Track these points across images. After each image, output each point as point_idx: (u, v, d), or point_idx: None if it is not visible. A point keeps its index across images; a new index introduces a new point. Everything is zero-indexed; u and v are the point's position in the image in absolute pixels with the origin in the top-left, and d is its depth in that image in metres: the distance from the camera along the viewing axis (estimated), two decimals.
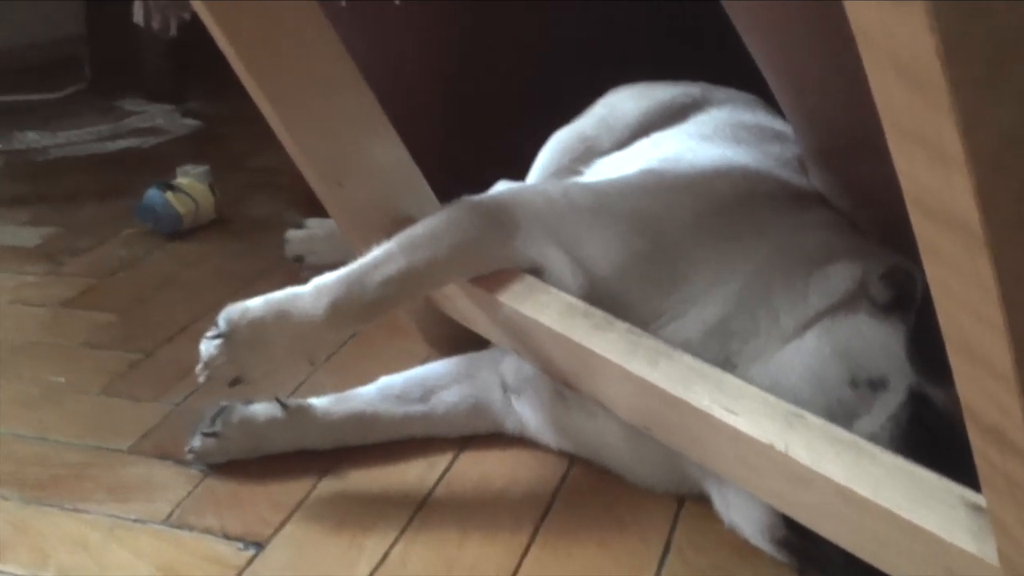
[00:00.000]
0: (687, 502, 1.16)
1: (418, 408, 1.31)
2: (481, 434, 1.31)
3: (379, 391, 1.32)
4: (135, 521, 1.19)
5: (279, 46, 1.24)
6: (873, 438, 0.89)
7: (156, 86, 3.04)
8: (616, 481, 1.20)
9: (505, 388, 1.29)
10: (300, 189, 2.03)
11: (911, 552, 0.81)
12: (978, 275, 0.51)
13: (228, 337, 1.15)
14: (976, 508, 0.77)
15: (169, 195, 2.03)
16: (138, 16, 1.36)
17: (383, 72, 1.32)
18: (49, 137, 2.78)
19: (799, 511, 0.91)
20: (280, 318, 1.16)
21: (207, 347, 1.16)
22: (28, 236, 2.13)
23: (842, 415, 0.94)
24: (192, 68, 2.98)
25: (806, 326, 1.04)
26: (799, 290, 1.06)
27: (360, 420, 1.30)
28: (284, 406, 1.28)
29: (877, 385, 0.98)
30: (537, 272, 1.17)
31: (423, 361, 1.44)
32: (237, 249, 1.99)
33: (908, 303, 0.99)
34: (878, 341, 1.00)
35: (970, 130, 0.46)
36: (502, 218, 1.19)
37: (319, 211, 1.87)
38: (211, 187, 2.09)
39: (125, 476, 1.28)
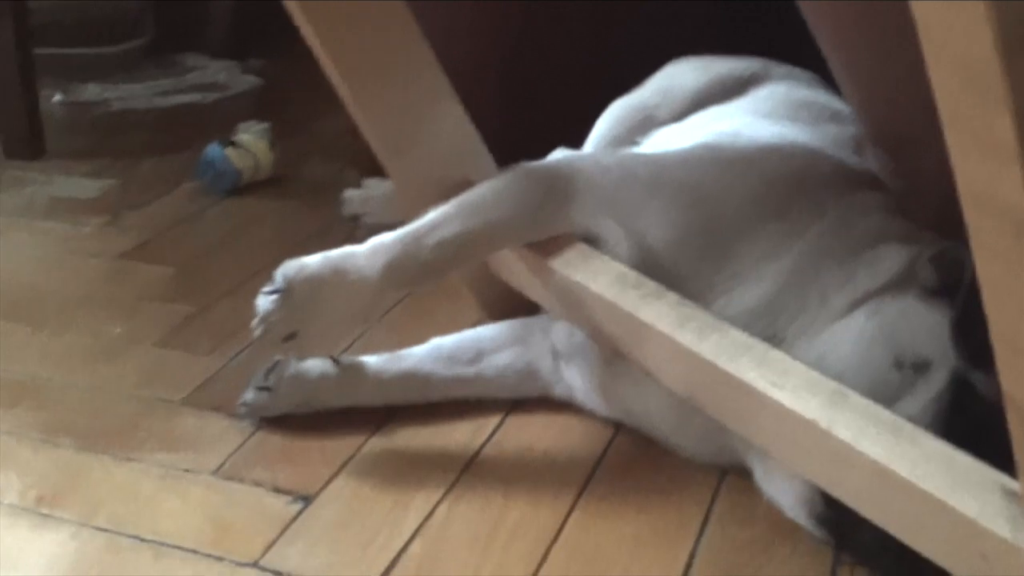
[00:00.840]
0: (729, 475, 1.17)
1: (468, 370, 1.33)
2: (529, 398, 1.33)
3: (430, 352, 1.34)
4: (186, 471, 1.22)
5: (347, 10, 1.25)
6: (914, 420, 0.90)
7: (219, 42, 3.05)
8: (660, 450, 1.21)
9: (555, 354, 1.30)
10: (361, 150, 2.06)
11: (946, 535, 0.82)
12: None
13: (285, 293, 1.17)
14: (1012, 495, 0.78)
15: (229, 151, 2.05)
16: None
17: (440, 41, 1.33)
18: (111, 90, 2.80)
19: (838, 489, 0.92)
20: (336, 276, 1.18)
21: (263, 302, 1.18)
22: (87, 188, 2.16)
23: (885, 396, 0.95)
24: (255, 26, 3.00)
25: (854, 305, 1.04)
26: (849, 270, 1.07)
27: (411, 380, 1.32)
28: (336, 363, 1.30)
29: (920, 367, 0.98)
30: (591, 240, 1.18)
31: (475, 324, 1.45)
32: (294, 207, 2.00)
33: (955, 288, 1.00)
34: (924, 324, 1.00)
35: None
36: (558, 185, 1.20)
37: (378, 172, 1.89)
38: (271, 145, 2.10)
39: (178, 427, 1.31)
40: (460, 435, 1.27)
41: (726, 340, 1.00)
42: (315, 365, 1.30)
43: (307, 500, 1.16)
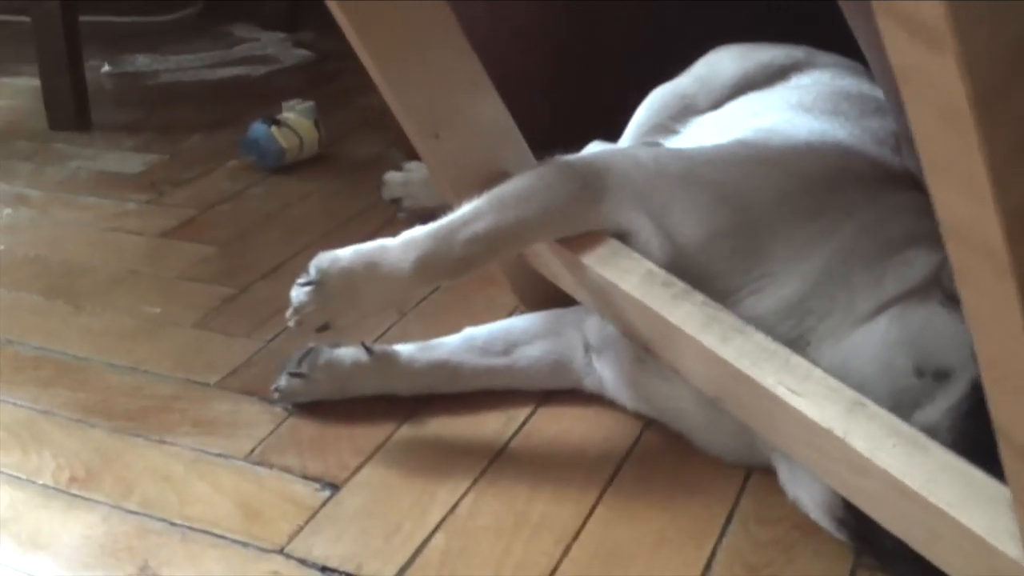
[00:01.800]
0: (754, 474, 1.17)
1: (500, 361, 1.34)
2: (560, 390, 1.33)
3: (463, 342, 1.35)
4: (218, 456, 1.24)
5: None
6: (932, 428, 0.91)
7: (269, 14, 3.06)
8: (687, 447, 1.21)
9: (587, 347, 1.31)
10: (401, 128, 2.07)
11: (960, 550, 0.82)
12: (1007, 302, 0.53)
13: (318, 285, 1.18)
14: None
15: (274, 129, 2.06)
16: None
17: (491, 32, 1.33)
18: (160, 61, 2.82)
19: (856, 496, 0.92)
20: (369, 269, 1.19)
21: (298, 293, 1.19)
22: (132, 163, 2.18)
23: (905, 402, 0.95)
24: None
25: (879, 310, 1.04)
26: (877, 273, 1.06)
27: (443, 369, 1.33)
28: (369, 351, 1.31)
29: (941, 376, 0.98)
30: (624, 237, 1.18)
31: (510, 313, 1.46)
32: (337, 188, 2.01)
33: None
34: (947, 332, 1.00)
35: (999, 167, 0.47)
36: (592, 181, 1.20)
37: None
38: (316, 123, 2.11)
39: (211, 411, 1.33)
40: (490, 426, 1.28)
41: (749, 344, 1.00)
42: (348, 353, 1.32)
43: (335, 488, 1.17)
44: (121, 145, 2.27)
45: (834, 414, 0.91)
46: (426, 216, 1.24)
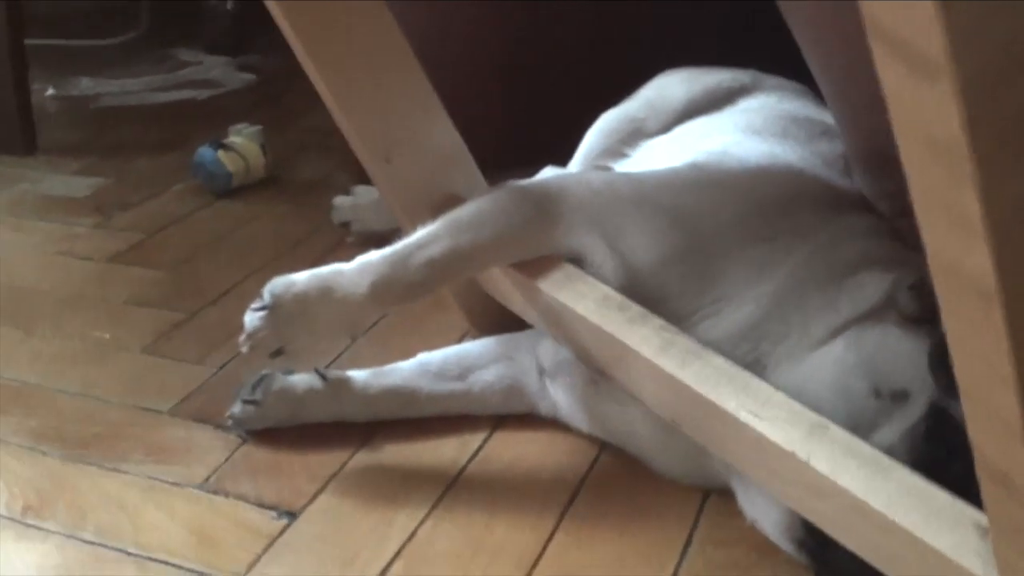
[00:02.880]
0: (711, 496, 1.17)
1: (455, 385, 1.33)
2: (514, 414, 1.33)
3: (417, 367, 1.35)
4: (172, 484, 1.23)
5: (332, 17, 1.26)
6: (891, 449, 0.91)
7: (213, 38, 3.05)
8: (643, 470, 1.22)
9: (541, 371, 1.31)
10: (349, 151, 2.07)
11: (921, 569, 0.83)
12: (993, 332, 0.53)
13: (272, 310, 1.17)
14: (986, 532, 0.79)
15: (220, 153, 2.05)
16: None
17: (439, 48, 1.34)
18: (104, 84, 2.81)
19: (817, 518, 0.93)
20: (324, 294, 1.18)
21: (251, 319, 1.18)
22: (79, 186, 2.16)
23: (863, 424, 0.96)
24: (250, 21, 3.00)
25: (835, 333, 1.05)
26: (831, 296, 1.07)
27: (397, 395, 1.32)
28: (324, 377, 1.31)
29: (899, 397, 0.99)
30: (578, 261, 1.19)
31: (461, 337, 1.47)
32: (285, 211, 2.01)
33: (934, 315, 1.01)
34: (903, 353, 1.01)
35: (990, 201, 0.48)
36: (546, 206, 1.20)
37: (368, 179, 1.89)
38: (263, 147, 2.11)
39: (164, 438, 1.31)
40: (445, 451, 1.28)
41: (708, 367, 1.01)
42: (302, 379, 1.31)
43: (292, 515, 1.17)
44: (67, 168, 2.25)
45: (796, 437, 0.91)
46: (376, 240, 1.25)
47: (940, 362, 0.98)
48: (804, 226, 1.14)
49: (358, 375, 1.33)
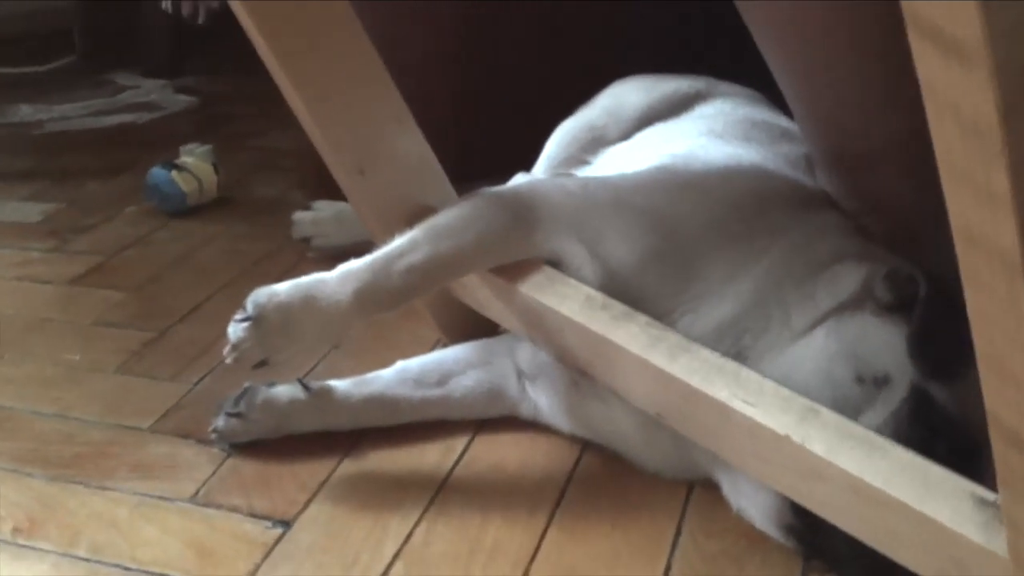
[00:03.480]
0: (696, 488, 1.20)
1: (435, 392, 1.35)
2: (495, 418, 1.35)
3: (397, 375, 1.37)
4: (161, 499, 1.23)
5: (306, 32, 1.27)
6: (877, 431, 0.94)
7: (150, 61, 3.05)
8: (626, 467, 1.24)
9: (520, 374, 1.33)
10: (305, 170, 2.08)
11: (920, 542, 0.86)
12: (1014, 302, 0.56)
13: (256, 320, 1.18)
14: (983, 502, 0.82)
15: (174, 174, 2.06)
16: (167, 3, 1.39)
17: (389, 59, 1.35)
18: (44, 111, 2.80)
19: (811, 502, 0.96)
20: (306, 303, 1.19)
21: (235, 329, 1.19)
22: (30, 212, 2.16)
23: (848, 410, 0.99)
24: (185, 43, 3.01)
25: (815, 324, 1.08)
26: (808, 289, 1.11)
27: (380, 403, 1.34)
28: (307, 388, 1.32)
29: (881, 382, 1.02)
30: (556, 264, 1.21)
31: (433, 346, 1.49)
32: (242, 230, 2.02)
33: (910, 303, 1.04)
34: (882, 340, 1.05)
35: (1019, 179, 0.51)
36: (523, 212, 1.22)
37: (325, 192, 1.91)
38: (215, 166, 2.12)
39: (148, 455, 1.32)
40: (430, 456, 1.30)
41: (698, 360, 1.04)
42: (285, 391, 1.33)
43: (286, 525, 1.18)
44: (16, 194, 2.24)
45: (789, 422, 0.94)
46: (338, 255, 1.26)
47: (919, 346, 1.02)
48: (777, 224, 1.18)
49: (340, 385, 1.34)
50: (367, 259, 1.21)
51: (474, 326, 1.43)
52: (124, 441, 1.35)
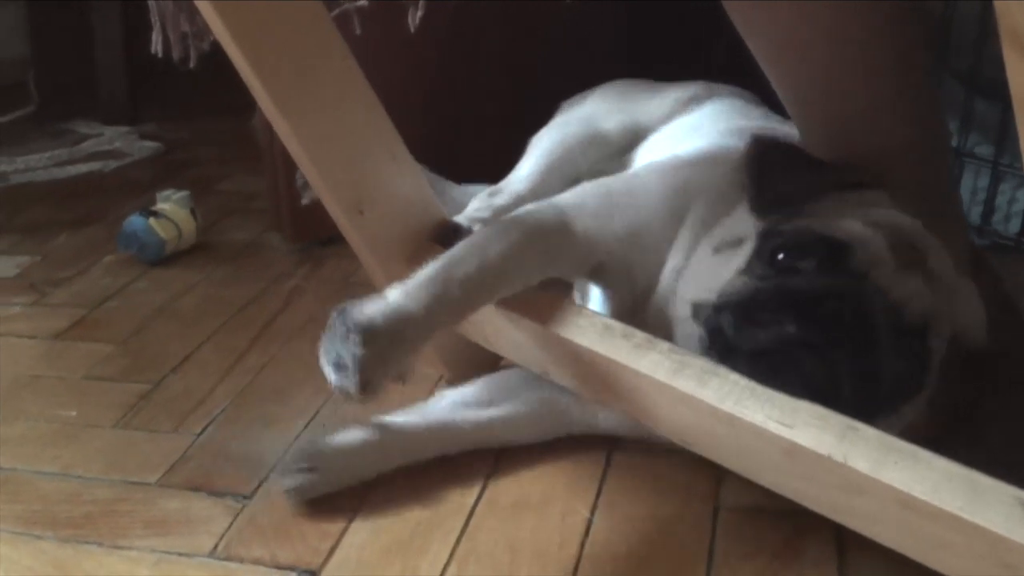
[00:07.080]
0: (721, 512, 1.20)
1: (492, 412, 1.36)
2: (551, 438, 1.37)
3: (450, 402, 1.37)
4: (181, 555, 1.21)
5: (303, 72, 1.27)
6: (740, 275, 1.07)
7: (109, 108, 3.01)
8: (650, 493, 1.24)
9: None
10: (279, 212, 2.06)
11: (971, 551, 0.85)
12: None
13: (371, 334, 1.07)
14: None
15: (152, 221, 2.03)
16: (156, 46, 1.36)
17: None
18: (6, 163, 2.75)
19: (854, 518, 0.95)
20: (396, 318, 1.10)
21: (346, 348, 1.06)
22: (4, 266, 2.11)
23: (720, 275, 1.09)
24: (144, 89, 2.98)
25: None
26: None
27: (443, 430, 1.34)
28: (377, 427, 1.32)
29: (735, 243, 1.11)
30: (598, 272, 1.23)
31: (437, 383, 1.48)
32: (223, 275, 1.99)
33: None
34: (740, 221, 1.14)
35: None
36: (559, 215, 1.22)
37: (299, 234, 1.90)
38: (192, 212, 2.09)
39: (160, 510, 1.29)
40: (449, 496, 1.29)
41: (727, 384, 1.03)
42: (354, 434, 1.31)
43: (313, 574, 1.16)
44: None
45: (829, 440, 0.94)
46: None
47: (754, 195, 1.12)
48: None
49: (402, 419, 1.34)
50: (424, 274, 1.13)
51: (479, 362, 1.42)
52: (133, 497, 1.32)
